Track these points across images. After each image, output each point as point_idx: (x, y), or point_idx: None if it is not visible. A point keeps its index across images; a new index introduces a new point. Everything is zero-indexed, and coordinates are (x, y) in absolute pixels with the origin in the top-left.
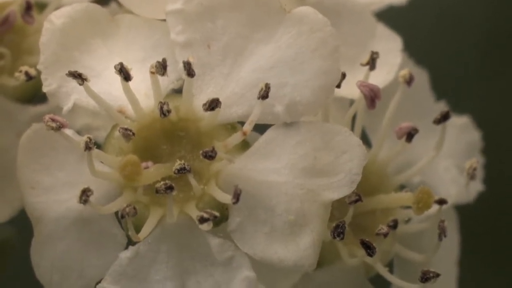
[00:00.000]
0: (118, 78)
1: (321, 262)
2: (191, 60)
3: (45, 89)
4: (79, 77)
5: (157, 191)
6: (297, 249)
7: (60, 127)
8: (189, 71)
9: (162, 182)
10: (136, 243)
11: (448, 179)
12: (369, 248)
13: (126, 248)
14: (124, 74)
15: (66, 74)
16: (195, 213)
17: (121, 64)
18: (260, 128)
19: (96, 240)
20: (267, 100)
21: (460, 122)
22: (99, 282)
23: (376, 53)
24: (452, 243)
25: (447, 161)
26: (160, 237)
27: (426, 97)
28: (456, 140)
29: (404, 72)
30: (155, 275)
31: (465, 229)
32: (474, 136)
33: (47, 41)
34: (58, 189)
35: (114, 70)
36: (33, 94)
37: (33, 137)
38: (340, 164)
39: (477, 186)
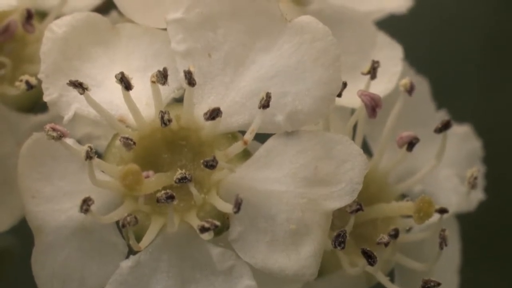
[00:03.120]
0: (119, 87)
1: (322, 271)
2: (192, 69)
3: (45, 98)
4: (80, 86)
5: (158, 200)
6: (298, 258)
7: (60, 136)
8: (190, 80)
9: (163, 191)
10: (137, 252)
11: (449, 188)
12: (370, 257)
13: (127, 257)
14: (125, 83)
15: (67, 83)
16: (196, 222)
17: (122, 73)
18: (261, 137)
19: (97, 249)
20: (268, 109)
21: (461, 131)
22: None
23: (377, 62)
24: (453, 252)
25: (448, 170)
26: (161, 246)
27: (427, 106)
28: (457, 149)
29: (405, 81)
30: (156, 285)
31: (466, 237)
32: (475, 145)
33: (48, 50)
34: (59, 198)
35: (115, 79)
36: (34, 103)
37: (33, 146)
38: (341, 173)
39: (478, 195)
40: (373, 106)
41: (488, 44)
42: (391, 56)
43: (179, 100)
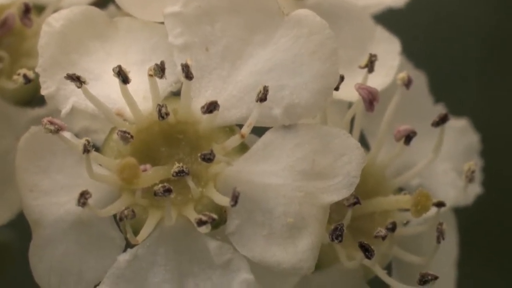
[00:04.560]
0: (116, 81)
1: (319, 265)
2: (189, 62)
3: (43, 92)
4: (77, 80)
5: (155, 194)
6: (296, 251)
7: (58, 130)
8: (187, 73)
9: (160, 185)
10: (135, 246)
11: (447, 182)
12: (367, 251)
13: (125, 251)
14: (123, 76)
15: (65, 77)
16: (193, 216)
17: (119, 66)
18: (259, 131)
19: (94, 243)
20: (265, 102)
21: (458, 125)
22: (98, 285)
23: (375, 55)
24: (450, 246)
25: (445, 163)
26: (158, 239)
27: (424, 99)
28: (455, 143)
29: (403, 74)
30: (154, 278)
31: (463, 231)
32: (472, 138)
33: (45, 44)
34: (57, 191)
35: (112, 72)
36: (32, 97)
37: (31, 140)
38: (339, 166)
39: (475, 189)
40: (371, 99)
41: (486, 38)
42: (389, 50)
43: (176, 94)
